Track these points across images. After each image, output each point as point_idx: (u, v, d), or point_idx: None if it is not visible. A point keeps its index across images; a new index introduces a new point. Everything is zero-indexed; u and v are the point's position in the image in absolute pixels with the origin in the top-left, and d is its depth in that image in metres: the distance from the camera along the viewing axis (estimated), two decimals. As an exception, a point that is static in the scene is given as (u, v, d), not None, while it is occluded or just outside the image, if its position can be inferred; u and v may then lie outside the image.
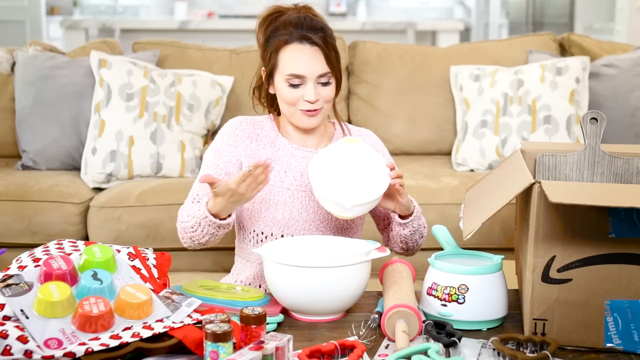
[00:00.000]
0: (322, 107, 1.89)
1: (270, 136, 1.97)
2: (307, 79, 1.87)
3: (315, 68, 1.86)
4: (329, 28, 1.92)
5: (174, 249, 2.87)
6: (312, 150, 1.96)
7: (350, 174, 1.79)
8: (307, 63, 1.86)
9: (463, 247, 1.82)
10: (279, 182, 1.92)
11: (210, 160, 1.93)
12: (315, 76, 1.87)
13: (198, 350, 1.43)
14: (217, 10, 8.10)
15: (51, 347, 1.38)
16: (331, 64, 1.88)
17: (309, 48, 1.87)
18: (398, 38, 6.38)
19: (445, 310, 1.64)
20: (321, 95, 1.88)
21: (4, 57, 3.40)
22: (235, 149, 1.93)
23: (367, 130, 2.07)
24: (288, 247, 1.77)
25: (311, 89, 1.86)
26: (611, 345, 1.53)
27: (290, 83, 1.87)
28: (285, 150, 1.96)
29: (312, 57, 1.86)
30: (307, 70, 1.86)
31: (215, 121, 3.25)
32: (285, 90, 1.88)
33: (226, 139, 1.94)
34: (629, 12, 5.63)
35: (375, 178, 1.79)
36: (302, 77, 1.86)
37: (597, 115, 1.79)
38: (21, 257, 1.60)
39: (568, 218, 1.50)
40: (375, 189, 1.78)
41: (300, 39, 1.87)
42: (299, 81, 1.87)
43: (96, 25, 6.36)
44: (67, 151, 3.20)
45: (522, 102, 3.14)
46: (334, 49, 1.90)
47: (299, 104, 1.88)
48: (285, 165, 1.94)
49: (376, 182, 1.79)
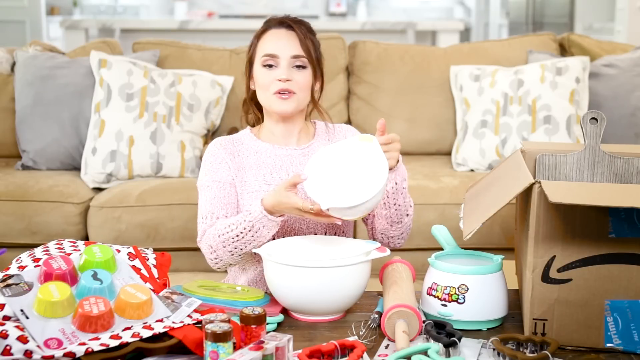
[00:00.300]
0: (295, 92, 1.90)
1: (251, 147, 1.97)
2: (280, 59, 1.90)
3: (289, 48, 1.90)
4: (312, 28, 1.96)
5: (174, 249, 2.88)
6: (295, 147, 1.97)
7: (341, 174, 1.72)
8: (281, 43, 1.91)
9: (463, 247, 1.82)
10: (265, 185, 1.92)
11: (209, 182, 1.92)
12: (288, 56, 1.90)
13: (198, 350, 1.43)
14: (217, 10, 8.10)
15: (51, 347, 1.38)
16: (307, 50, 1.91)
17: (285, 31, 1.93)
18: (398, 38, 6.37)
19: (445, 310, 1.64)
20: (295, 78, 1.90)
21: (4, 57, 3.40)
22: (225, 165, 1.93)
23: (346, 126, 2.07)
24: (288, 247, 1.77)
25: (284, 67, 1.89)
26: (611, 345, 1.53)
27: (264, 64, 1.90)
28: (268, 153, 1.96)
29: (287, 38, 1.91)
30: (280, 49, 1.90)
31: (215, 121, 3.25)
32: (260, 73, 1.91)
33: (213, 161, 1.94)
34: (629, 12, 5.63)
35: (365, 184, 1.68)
36: (275, 56, 1.90)
37: (597, 115, 1.79)
38: (21, 257, 1.60)
39: (568, 218, 1.50)
40: (357, 196, 1.66)
41: (277, 24, 1.94)
42: (273, 62, 1.90)
43: (96, 25, 6.36)
44: (67, 151, 3.20)
45: (522, 102, 3.14)
46: (313, 43, 1.94)
47: (273, 86, 1.90)
48: (270, 167, 1.94)
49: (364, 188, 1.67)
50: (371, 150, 1.71)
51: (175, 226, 2.88)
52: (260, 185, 1.92)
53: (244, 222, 1.78)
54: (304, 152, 1.97)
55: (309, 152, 1.97)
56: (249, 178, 1.93)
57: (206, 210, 1.90)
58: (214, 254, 1.85)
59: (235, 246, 1.81)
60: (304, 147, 1.98)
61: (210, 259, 1.88)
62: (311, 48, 1.92)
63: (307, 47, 1.92)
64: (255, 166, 1.94)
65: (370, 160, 1.70)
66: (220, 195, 1.90)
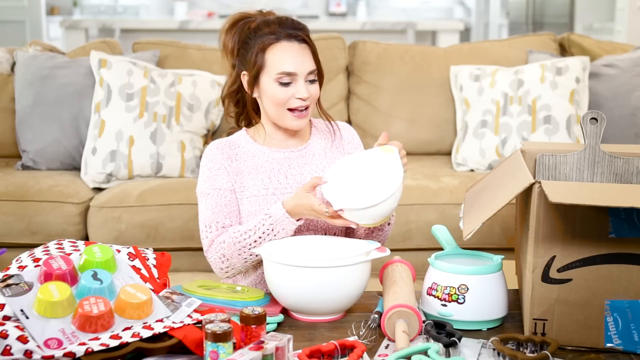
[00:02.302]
0: (309, 105, 1.90)
1: (248, 150, 1.95)
2: (298, 77, 1.87)
3: (306, 65, 1.87)
4: (307, 27, 1.94)
5: (174, 249, 2.88)
6: (292, 150, 1.96)
7: (358, 179, 1.76)
8: (298, 60, 1.86)
9: (463, 247, 1.82)
10: (263, 189, 1.91)
11: (209, 189, 1.90)
12: (305, 73, 1.87)
13: (198, 350, 1.43)
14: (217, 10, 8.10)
15: (51, 347, 1.38)
16: (318, 62, 1.90)
17: (298, 45, 1.88)
18: (398, 38, 6.37)
19: (445, 310, 1.64)
20: (310, 92, 1.88)
21: (4, 57, 3.40)
22: (224, 171, 1.91)
23: (342, 123, 2.07)
24: (288, 247, 1.77)
25: (302, 86, 1.87)
26: (611, 345, 1.53)
27: (281, 82, 1.86)
28: (265, 156, 1.94)
29: (302, 55, 1.87)
30: (298, 67, 1.86)
31: (215, 121, 3.25)
32: (276, 90, 1.87)
33: (211, 167, 1.92)
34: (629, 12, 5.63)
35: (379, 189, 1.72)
36: (293, 74, 1.86)
37: (597, 115, 1.79)
38: (21, 257, 1.60)
39: (568, 218, 1.50)
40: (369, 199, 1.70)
41: (288, 37, 1.87)
42: (290, 79, 1.86)
43: (96, 25, 6.36)
44: (67, 151, 3.20)
45: (522, 102, 3.14)
46: (317, 50, 1.92)
47: (290, 102, 1.88)
48: (268, 171, 1.93)
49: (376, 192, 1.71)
50: (390, 160, 1.76)
51: (175, 226, 2.88)
52: (259, 189, 1.91)
53: (263, 226, 1.78)
54: (302, 154, 1.96)
55: (306, 153, 1.97)
56: (248, 183, 1.91)
57: (209, 219, 1.88)
58: (227, 262, 1.84)
59: (252, 252, 1.81)
60: (301, 149, 1.97)
61: (221, 268, 1.86)
62: (318, 58, 1.91)
63: (317, 59, 1.90)
64: (254, 170, 1.93)
65: (387, 168, 1.75)
66: (222, 203, 1.89)
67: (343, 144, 2.01)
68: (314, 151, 1.97)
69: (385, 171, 1.74)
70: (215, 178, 1.91)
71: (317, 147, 1.99)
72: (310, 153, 1.97)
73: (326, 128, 2.03)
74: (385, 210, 1.72)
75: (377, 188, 1.72)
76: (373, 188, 1.72)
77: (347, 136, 2.03)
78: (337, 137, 2.02)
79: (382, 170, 1.75)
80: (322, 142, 2.00)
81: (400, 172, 1.73)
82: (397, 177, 1.72)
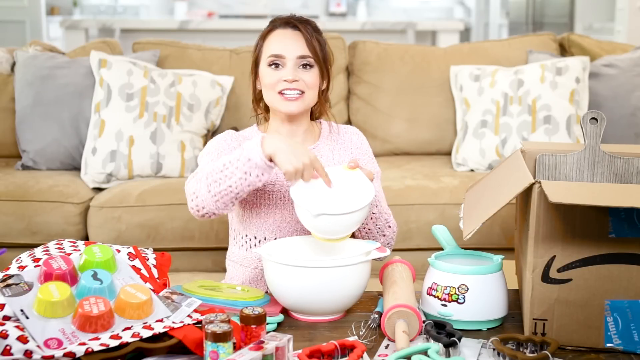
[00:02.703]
0: (303, 91, 1.90)
1: None
2: (287, 59, 1.89)
3: (295, 48, 1.89)
4: (318, 27, 1.95)
5: (174, 249, 2.87)
6: None
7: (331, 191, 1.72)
8: (288, 43, 1.90)
9: (463, 247, 1.82)
10: (270, 185, 1.91)
11: (212, 156, 1.89)
12: (294, 57, 1.89)
13: (198, 350, 1.43)
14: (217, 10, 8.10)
15: (51, 347, 1.38)
16: (313, 50, 1.91)
17: (291, 31, 1.92)
18: (398, 38, 6.37)
19: (445, 310, 1.64)
20: (301, 78, 1.89)
21: (4, 57, 3.40)
22: (230, 152, 1.91)
23: (352, 128, 2.07)
24: (288, 247, 1.77)
25: (290, 68, 1.89)
26: (611, 345, 1.53)
27: (270, 63, 1.90)
28: None
29: (293, 39, 1.91)
30: (287, 49, 1.89)
31: (215, 121, 3.25)
32: (266, 73, 1.90)
33: (218, 146, 1.92)
34: (629, 12, 5.63)
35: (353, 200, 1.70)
36: (281, 56, 1.89)
37: (597, 115, 1.79)
38: (21, 257, 1.61)
39: (568, 218, 1.50)
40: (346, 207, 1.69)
41: (284, 24, 1.93)
42: (279, 62, 1.89)
43: (96, 25, 6.36)
44: (67, 151, 3.20)
45: (522, 102, 3.14)
46: (319, 42, 1.93)
47: (279, 85, 1.89)
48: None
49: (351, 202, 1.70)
50: (357, 176, 1.76)
51: (175, 226, 2.88)
52: (265, 184, 1.91)
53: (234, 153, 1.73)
54: None
55: None
56: None
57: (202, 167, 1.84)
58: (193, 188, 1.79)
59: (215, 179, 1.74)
60: (310, 149, 1.97)
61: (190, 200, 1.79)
62: (317, 47, 1.92)
63: (313, 47, 1.91)
64: None
65: (356, 183, 1.74)
66: None
67: (351, 147, 2.02)
68: (322, 152, 1.98)
69: (357, 186, 1.73)
70: (220, 152, 1.91)
71: (326, 149, 1.99)
72: (319, 154, 1.97)
73: (335, 130, 2.04)
74: (351, 222, 1.69)
75: (351, 200, 1.70)
76: (348, 200, 1.70)
77: (357, 140, 2.04)
78: (346, 140, 2.02)
79: (353, 186, 1.73)
80: (331, 144, 2.00)
81: (370, 187, 1.73)
82: (368, 190, 1.72)
